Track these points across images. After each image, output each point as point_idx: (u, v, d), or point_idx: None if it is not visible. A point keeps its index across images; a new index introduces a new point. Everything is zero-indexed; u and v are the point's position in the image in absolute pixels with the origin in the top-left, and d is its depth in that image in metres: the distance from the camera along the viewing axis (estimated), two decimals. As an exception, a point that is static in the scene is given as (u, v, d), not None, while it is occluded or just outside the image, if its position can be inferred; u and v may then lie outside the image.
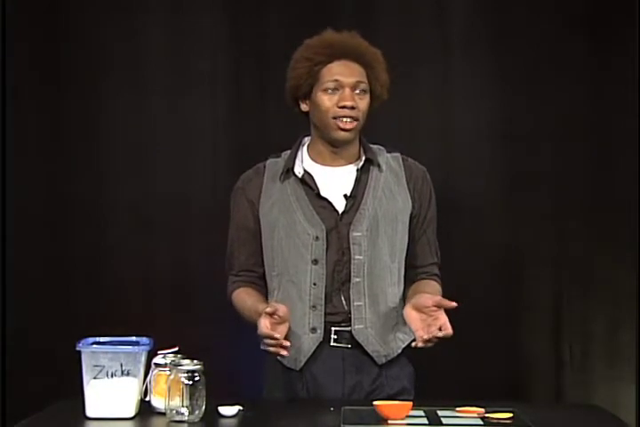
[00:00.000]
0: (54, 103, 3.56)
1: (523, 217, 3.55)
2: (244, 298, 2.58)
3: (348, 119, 2.50)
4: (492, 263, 3.55)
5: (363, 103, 2.52)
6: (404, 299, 2.59)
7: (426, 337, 2.33)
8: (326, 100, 2.51)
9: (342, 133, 2.53)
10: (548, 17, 3.53)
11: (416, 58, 3.54)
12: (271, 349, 2.34)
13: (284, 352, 2.32)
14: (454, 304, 2.34)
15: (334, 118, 2.51)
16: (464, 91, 3.57)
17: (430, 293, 2.48)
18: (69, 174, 3.57)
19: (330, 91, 2.50)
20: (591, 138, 3.55)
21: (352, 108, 2.49)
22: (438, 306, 2.36)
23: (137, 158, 3.58)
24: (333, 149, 2.58)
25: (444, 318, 2.34)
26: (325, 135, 2.56)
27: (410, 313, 2.41)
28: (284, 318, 2.36)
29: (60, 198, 3.56)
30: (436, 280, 2.64)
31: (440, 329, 2.33)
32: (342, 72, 2.50)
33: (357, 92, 2.51)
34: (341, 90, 2.50)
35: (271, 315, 2.34)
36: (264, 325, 2.33)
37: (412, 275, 2.62)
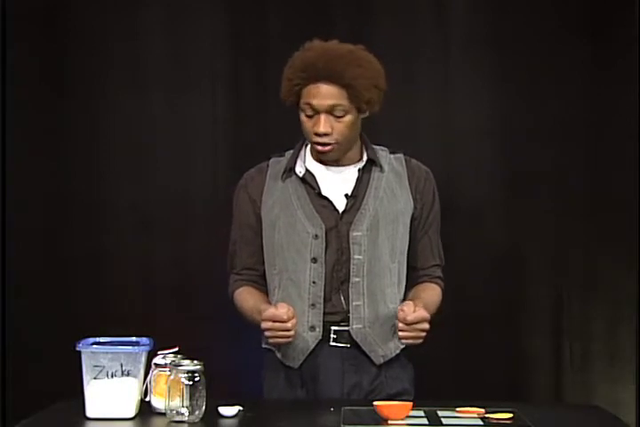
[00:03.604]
0: (54, 103, 3.56)
1: (523, 217, 3.55)
2: (246, 298, 2.59)
3: (324, 144, 2.50)
4: (491, 263, 3.55)
5: (340, 126, 2.48)
6: (404, 300, 2.60)
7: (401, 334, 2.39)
8: (305, 123, 2.50)
9: (322, 155, 2.54)
10: (548, 17, 3.53)
11: (416, 58, 3.54)
12: (279, 336, 2.36)
13: (292, 332, 2.35)
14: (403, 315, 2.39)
15: (312, 141, 2.52)
16: (464, 91, 3.57)
17: (424, 297, 2.52)
18: (69, 174, 3.57)
19: (308, 114, 2.49)
20: (591, 138, 3.55)
21: (326, 134, 2.48)
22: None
23: (137, 158, 3.58)
24: None
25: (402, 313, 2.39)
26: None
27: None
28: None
29: (60, 198, 3.56)
30: (437, 283, 2.65)
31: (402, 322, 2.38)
32: (317, 96, 2.45)
33: (335, 114, 2.47)
34: (316, 116, 2.47)
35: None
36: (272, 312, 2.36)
37: (413, 277, 2.63)
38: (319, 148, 2.51)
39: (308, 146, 2.63)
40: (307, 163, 2.60)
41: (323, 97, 2.45)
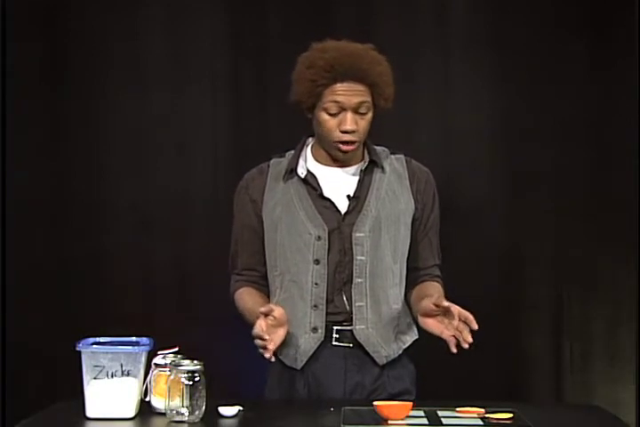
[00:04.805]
0: (54, 103, 3.56)
1: (523, 217, 3.55)
2: (246, 299, 2.59)
3: (348, 143, 2.50)
4: (491, 263, 3.55)
5: (363, 123, 2.50)
6: (406, 301, 2.61)
7: (449, 333, 2.34)
8: (328, 121, 2.49)
9: (341, 155, 2.54)
10: (548, 17, 3.53)
11: (416, 58, 3.54)
12: (260, 350, 2.35)
13: (267, 355, 2.33)
14: (446, 304, 2.34)
15: (334, 141, 2.51)
16: (464, 91, 3.57)
17: (433, 294, 2.48)
18: (69, 174, 3.57)
19: (332, 112, 2.48)
20: (591, 138, 3.55)
21: (353, 131, 2.49)
22: (438, 306, 2.36)
23: (137, 158, 3.58)
24: None
25: (456, 309, 2.34)
26: (326, 149, 2.56)
27: (425, 322, 2.43)
28: (279, 320, 2.37)
29: (60, 198, 3.56)
30: (438, 282, 2.65)
31: (461, 320, 2.34)
32: (344, 94, 2.46)
33: (360, 111, 2.49)
34: (343, 113, 2.48)
35: (266, 315, 2.35)
36: (259, 325, 2.34)
37: (414, 277, 2.63)
38: (344, 147, 2.50)
39: (309, 146, 2.63)
40: (308, 164, 2.60)
41: (352, 94, 2.47)
